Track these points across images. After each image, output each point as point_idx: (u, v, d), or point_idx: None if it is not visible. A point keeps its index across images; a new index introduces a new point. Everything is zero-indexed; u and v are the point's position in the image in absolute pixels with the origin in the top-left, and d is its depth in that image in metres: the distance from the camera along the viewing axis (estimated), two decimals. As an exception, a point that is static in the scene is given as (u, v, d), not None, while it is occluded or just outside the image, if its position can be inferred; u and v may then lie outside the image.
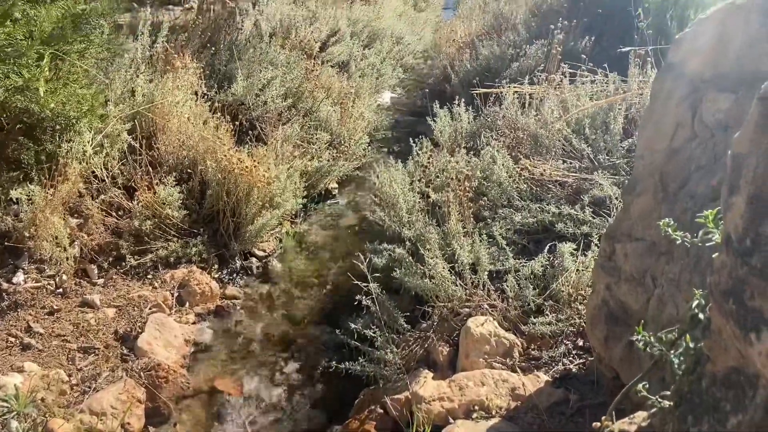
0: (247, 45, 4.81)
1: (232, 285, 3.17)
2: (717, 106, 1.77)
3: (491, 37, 5.42)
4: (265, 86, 4.38)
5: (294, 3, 7.16)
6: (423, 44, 8.18)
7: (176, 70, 3.82)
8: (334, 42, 6.36)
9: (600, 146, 3.05)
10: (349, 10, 7.19)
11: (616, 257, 2.02)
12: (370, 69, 6.25)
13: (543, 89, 3.66)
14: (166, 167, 3.31)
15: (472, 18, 6.72)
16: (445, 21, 10.05)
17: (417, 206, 2.99)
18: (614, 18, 4.56)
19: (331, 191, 4.25)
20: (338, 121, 4.65)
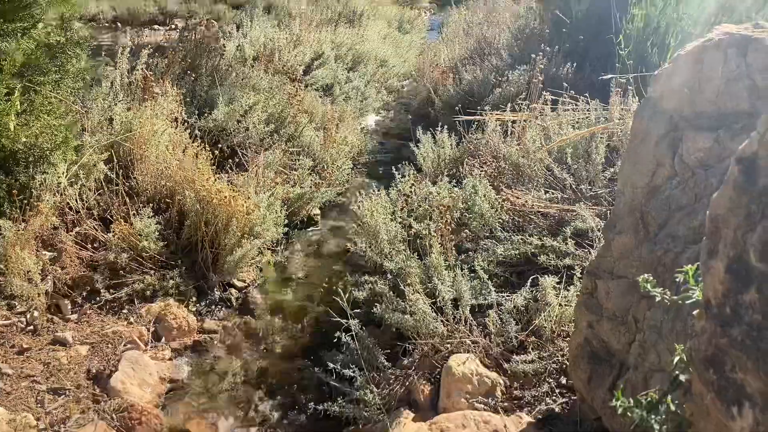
0: (229, 70, 4.78)
1: (210, 318, 3.10)
2: (697, 146, 1.76)
3: (474, 61, 5.44)
4: (247, 112, 4.35)
5: (278, 26, 7.17)
6: (407, 66, 8.20)
7: (156, 97, 3.78)
8: (318, 65, 6.36)
9: (582, 175, 3.04)
10: (334, 33, 7.20)
11: (598, 294, 1.99)
12: (354, 92, 6.24)
13: (525, 116, 3.65)
14: (144, 197, 3.25)
15: (455, 42, 6.75)
16: (430, 43, 10.11)
17: (399, 237, 2.95)
18: (596, 44, 4.59)
19: (313, 218, 4.20)
20: (321, 146, 4.62)
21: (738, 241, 0.81)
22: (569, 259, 2.57)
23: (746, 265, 0.79)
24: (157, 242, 3.02)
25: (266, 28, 6.95)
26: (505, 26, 6.20)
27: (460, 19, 8.94)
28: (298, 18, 7.12)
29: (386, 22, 9.76)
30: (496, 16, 6.74)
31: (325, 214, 4.37)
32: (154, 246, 3.00)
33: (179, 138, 3.64)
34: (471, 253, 2.72)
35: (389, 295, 2.47)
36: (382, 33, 8.79)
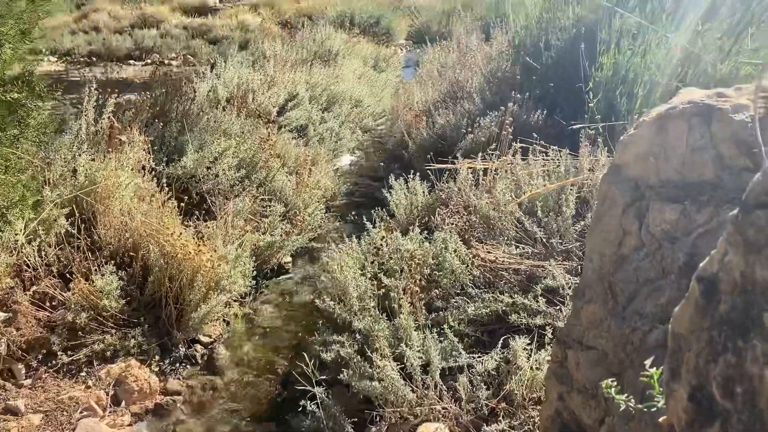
0: (200, 114, 4.73)
1: (174, 377, 2.99)
2: (663, 217, 1.74)
3: (447, 105, 5.46)
4: (218, 158, 4.29)
5: (252, 66, 7.16)
6: (383, 105, 8.23)
7: (122, 146, 3.71)
8: (292, 106, 6.34)
9: (553, 228, 3.02)
10: (308, 74, 7.21)
11: (568, 364, 1.95)
12: (328, 133, 6.22)
13: (496, 165, 3.65)
14: (106, 251, 3.15)
15: (428, 84, 6.80)
16: (405, 80, 10.19)
17: (368, 293, 2.89)
18: (566, 91, 4.64)
19: (284, 266, 4.13)
20: (294, 190, 4.56)
21: (700, 369, 0.77)
22: (540, 318, 2.53)
23: (709, 398, 0.75)
24: (118, 300, 2.92)
25: (240, 68, 6.93)
26: (477, 68, 6.26)
27: (434, 59, 9.05)
28: (272, 59, 7.11)
29: (362, 60, 9.82)
30: (468, 59, 6.81)
31: (297, 261, 4.30)
32: (115, 304, 2.90)
33: (146, 187, 3.56)
34: (442, 312, 2.67)
35: (356, 360, 2.40)
36: (358, 72, 8.83)
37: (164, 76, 5.12)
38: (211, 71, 6.62)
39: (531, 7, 5.52)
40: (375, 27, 14.45)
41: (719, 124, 1.79)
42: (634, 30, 4.32)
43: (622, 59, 4.17)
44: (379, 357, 2.27)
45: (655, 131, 1.91)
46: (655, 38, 4.11)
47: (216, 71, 6.64)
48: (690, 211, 1.72)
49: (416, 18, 14.63)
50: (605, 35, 4.40)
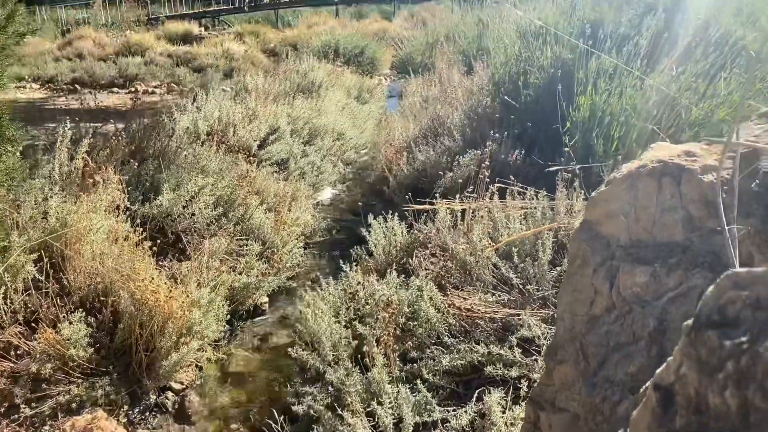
0: (178, 151, 4.69)
1: (143, 427, 2.90)
2: (633, 280, 1.72)
3: (428, 141, 5.48)
4: (194, 196, 4.24)
5: (234, 99, 7.15)
6: (366, 136, 8.26)
7: (96, 186, 3.66)
8: (273, 140, 6.33)
9: (530, 274, 3.00)
10: (290, 107, 7.21)
11: (541, 425, 1.91)
12: (309, 167, 6.21)
13: (474, 206, 3.64)
14: (76, 297, 3.08)
15: (410, 118, 6.83)
16: (389, 111, 10.24)
17: (343, 341, 2.84)
18: (545, 130, 4.67)
19: (260, 306, 4.06)
20: (272, 228, 4.52)
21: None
22: (516, 369, 2.49)
23: None
24: (86, 349, 2.84)
25: (222, 100, 6.93)
26: (458, 104, 6.30)
27: (417, 92, 9.11)
28: (254, 92, 7.12)
29: (345, 91, 9.87)
30: (450, 93, 6.86)
31: (274, 301, 4.24)
32: (83, 353, 2.82)
33: (119, 228, 3.50)
34: (417, 363, 2.62)
35: (327, 416, 2.34)
36: (341, 104, 8.86)
37: (142, 114, 5.07)
38: (193, 103, 6.60)
39: (510, 45, 5.59)
40: (359, 57, 14.56)
41: (688, 184, 1.79)
42: (611, 70, 4.38)
43: (599, 100, 4.22)
44: (351, 414, 2.22)
45: (626, 189, 1.91)
46: (631, 80, 4.16)
47: (197, 104, 6.63)
48: (660, 274, 1.71)
49: (400, 49, 14.76)
50: (582, 75, 4.45)
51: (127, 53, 16.36)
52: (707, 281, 1.65)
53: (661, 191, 1.83)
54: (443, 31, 12.39)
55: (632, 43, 4.38)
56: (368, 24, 19.92)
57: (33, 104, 12.36)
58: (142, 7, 32.11)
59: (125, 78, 14.69)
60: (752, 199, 1.59)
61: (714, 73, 4.02)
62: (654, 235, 1.81)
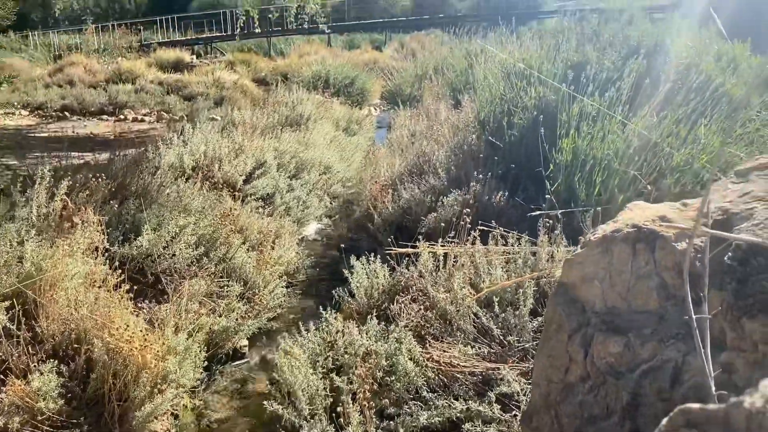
0: (161, 188, 4.66)
1: (114, 481, 2.83)
2: (607, 350, 1.70)
3: (413, 178, 5.48)
4: (176, 236, 4.20)
5: (221, 132, 7.15)
6: (353, 168, 8.27)
7: (75, 227, 3.62)
8: (259, 174, 6.31)
9: (510, 324, 2.98)
10: (278, 141, 7.22)
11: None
12: (295, 202, 6.19)
13: (456, 251, 3.63)
14: (48, 346, 3.02)
15: (397, 153, 6.85)
16: (378, 143, 10.29)
17: (320, 392, 2.79)
18: (529, 170, 4.68)
19: (240, 349, 4.00)
20: (254, 267, 4.48)
21: None
22: (494, 426, 2.45)
23: None
24: (57, 400, 2.77)
25: (210, 132, 6.93)
26: (444, 140, 6.32)
27: (404, 125, 9.16)
28: (241, 125, 7.12)
29: (334, 123, 9.91)
30: (436, 129, 6.90)
31: (255, 343, 4.18)
32: (53, 405, 2.75)
33: (97, 271, 3.45)
34: (394, 420, 2.58)
35: (300, 478, 2.29)
36: (329, 136, 8.89)
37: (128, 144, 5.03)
38: (179, 137, 6.58)
39: (494, 84, 5.64)
40: (350, 87, 14.67)
41: (662, 251, 1.78)
42: (594, 113, 4.41)
43: (582, 143, 4.24)
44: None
45: (601, 253, 1.90)
46: (614, 124, 4.19)
47: (184, 137, 6.62)
48: (634, 345, 1.69)
49: (390, 80, 14.89)
50: (565, 118, 4.48)
51: (117, 80, 16.42)
52: (681, 354, 1.63)
53: (635, 257, 1.82)
54: (432, 64, 12.53)
55: (614, 88, 4.43)
56: (359, 54, 20.13)
57: (20, 131, 12.32)
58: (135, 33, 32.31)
59: (115, 105, 14.71)
60: (725, 271, 1.58)
61: (695, 119, 4.07)
62: (629, 302, 1.80)
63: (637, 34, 5.20)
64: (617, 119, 4.19)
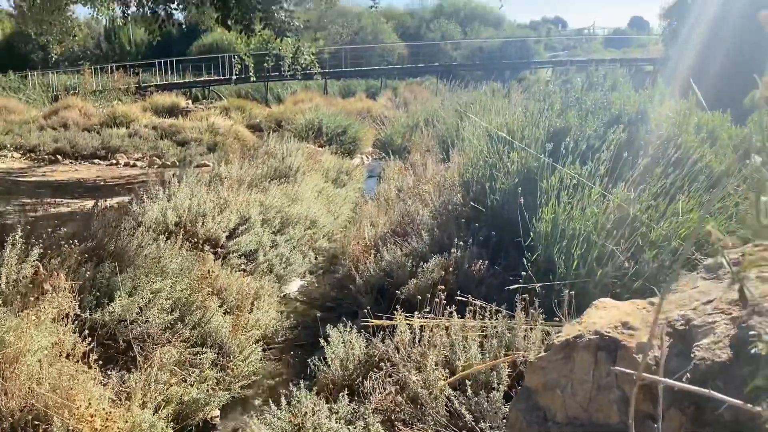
0: (138, 250, 4.61)
1: None
2: (565, 469, 1.65)
3: (396, 240, 5.46)
4: (150, 301, 4.14)
5: (209, 185, 7.15)
6: (340, 221, 8.26)
7: (45, 295, 3.55)
8: (243, 230, 6.28)
9: (484, 408, 2.91)
10: (265, 194, 7.22)
11: None
12: (278, 259, 6.14)
13: (433, 324, 3.58)
14: (6, 424, 2.92)
15: (382, 210, 6.85)
16: (366, 194, 10.31)
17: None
18: (510, 237, 4.67)
19: (211, 420, 3.89)
20: (230, 332, 4.40)
21: None
22: None
23: None
24: (9, 485, 2.67)
25: (195, 185, 6.92)
26: (429, 199, 6.33)
27: (392, 178, 9.21)
28: (228, 180, 7.12)
29: (324, 174, 9.95)
30: (422, 187, 6.92)
31: (228, 413, 4.07)
32: (4, 490, 2.65)
33: (65, 340, 3.38)
34: None
35: None
36: (318, 188, 8.91)
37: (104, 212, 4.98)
38: (164, 191, 6.56)
39: (477, 146, 5.68)
40: (342, 136, 14.80)
41: (623, 362, 1.74)
42: (574, 181, 4.42)
43: (562, 214, 4.24)
44: None
45: (563, 360, 1.86)
46: (593, 196, 4.20)
47: (169, 191, 6.60)
48: (594, 465, 1.63)
49: (382, 129, 15.04)
50: (546, 186, 4.49)
51: (112, 124, 16.50)
52: (640, 477, 1.57)
53: (597, 366, 1.79)
54: (423, 115, 12.67)
55: (595, 158, 4.46)
56: (353, 102, 20.39)
57: (10, 174, 12.29)
58: (134, 75, 32.70)
59: (107, 149, 14.74)
60: (685, 394, 1.54)
61: (674, 192, 4.08)
62: (590, 414, 1.75)
63: (620, 102, 5.26)
64: (597, 190, 4.20)
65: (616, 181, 4.26)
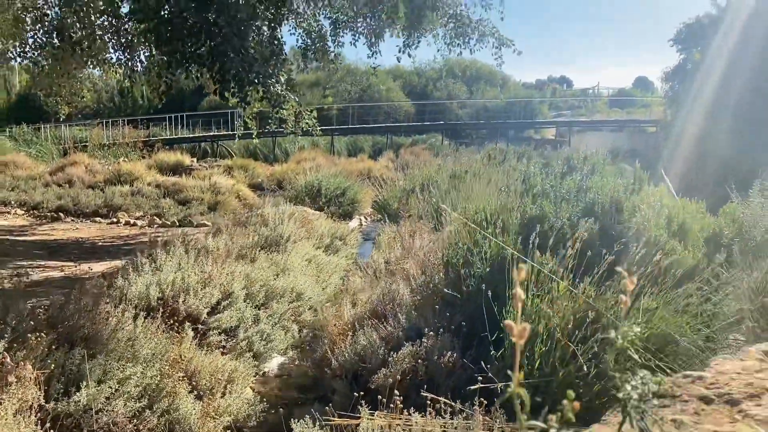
0: (112, 334, 4.65)
1: None
2: None
3: (373, 323, 5.48)
4: (118, 388, 4.16)
5: (196, 258, 7.23)
6: (328, 291, 8.29)
7: (9, 387, 3.59)
8: (225, 306, 6.32)
9: None
10: (252, 265, 7.29)
11: None
12: (258, 336, 6.16)
13: (394, 423, 3.57)
14: None
15: (366, 284, 6.89)
16: (359, 259, 10.36)
17: None
18: (481, 329, 4.68)
19: None
20: (199, 419, 4.40)
21: None
22: None
23: None
24: None
25: (182, 256, 7.00)
26: (412, 277, 6.37)
27: (385, 245, 9.30)
28: (214, 252, 7.22)
29: (318, 238, 10.05)
30: (407, 262, 6.97)
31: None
32: None
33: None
34: None
35: None
36: (309, 256, 8.99)
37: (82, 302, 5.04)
38: (151, 265, 6.65)
39: (455, 229, 5.75)
40: (341, 197, 15.00)
41: None
42: (546, 272, 4.47)
43: (530, 305, 4.27)
44: None
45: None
46: (561, 290, 4.24)
47: (156, 264, 6.68)
48: None
49: (380, 192, 15.22)
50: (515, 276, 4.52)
51: (116, 182, 16.81)
52: None
53: None
54: (420, 180, 12.85)
55: (564, 250, 4.52)
56: (355, 163, 20.73)
57: (11, 232, 12.48)
58: (145, 127, 33.47)
59: (110, 207, 14.98)
60: None
61: (638, 291, 4.12)
62: None
63: (594, 190, 5.36)
64: (564, 285, 4.24)
65: (583, 276, 4.30)
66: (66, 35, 11.89)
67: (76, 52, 12.28)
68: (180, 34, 8.73)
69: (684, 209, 4.99)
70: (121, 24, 12.48)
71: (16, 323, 4.08)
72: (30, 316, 4.57)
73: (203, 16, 8.64)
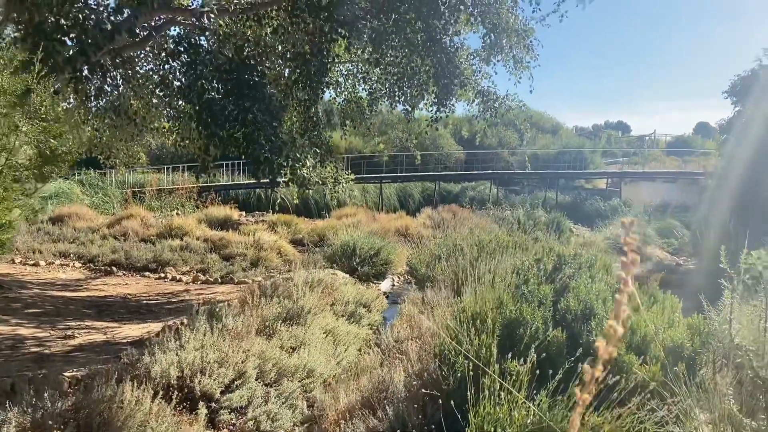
0: (125, 421, 5.26)
1: None
2: None
3: (363, 413, 5.90)
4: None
5: (219, 335, 7.84)
6: (341, 367, 8.71)
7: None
8: (238, 385, 6.87)
9: None
10: (267, 343, 7.84)
11: None
12: (265, 416, 6.65)
13: None
14: None
15: (375, 365, 7.31)
16: (385, 325, 10.77)
17: None
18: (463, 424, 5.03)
19: None
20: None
21: None
22: None
23: None
24: None
25: (206, 334, 7.61)
26: (409, 363, 6.77)
27: (403, 316, 9.70)
28: (232, 331, 7.82)
29: (338, 309, 10.54)
30: (411, 343, 7.37)
31: None
32: None
33: None
34: None
35: None
36: (329, 326, 9.48)
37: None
38: (175, 342, 7.30)
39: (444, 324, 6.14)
40: (375, 257, 15.50)
41: None
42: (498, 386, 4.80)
43: (493, 414, 4.61)
44: None
45: None
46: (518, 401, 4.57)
47: (180, 342, 7.33)
48: None
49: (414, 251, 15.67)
50: (487, 383, 4.89)
51: (168, 235, 17.89)
52: None
53: None
54: (446, 248, 13.24)
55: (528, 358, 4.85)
56: (393, 220, 21.30)
57: (67, 287, 13.54)
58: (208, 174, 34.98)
59: (158, 262, 15.96)
60: None
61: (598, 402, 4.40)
62: None
63: (574, 293, 5.67)
64: (520, 397, 4.58)
65: (539, 388, 4.62)
66: (123, 109, 13.08)
67: (132, 122, 13.47)
68: (219, 119, 9.59)
69: (654, 318, 5.23)
70: (174, 96, 13.58)
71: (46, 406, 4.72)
72: (59, 391, 5.24)
73: (239, 103, 9.50)
